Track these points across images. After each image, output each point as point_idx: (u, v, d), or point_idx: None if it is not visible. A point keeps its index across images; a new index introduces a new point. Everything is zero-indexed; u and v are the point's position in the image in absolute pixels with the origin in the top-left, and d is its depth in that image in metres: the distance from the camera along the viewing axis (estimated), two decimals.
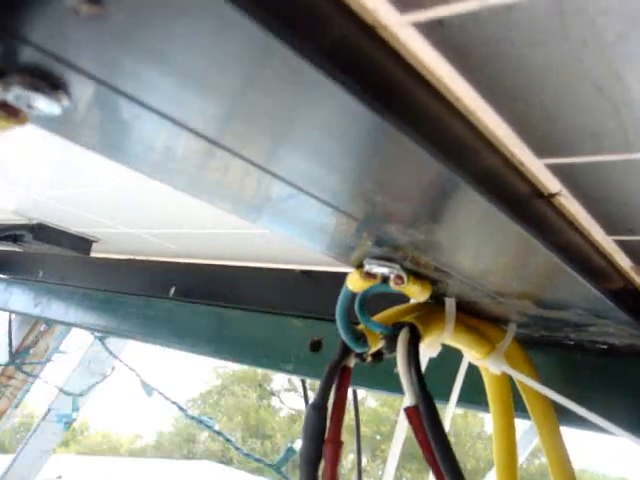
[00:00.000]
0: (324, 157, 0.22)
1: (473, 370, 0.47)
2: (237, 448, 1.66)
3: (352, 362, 0.38)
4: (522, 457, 1.24)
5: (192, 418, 1.65)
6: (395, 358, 0.37)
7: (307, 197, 0.26)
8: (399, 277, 0.33)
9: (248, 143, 0.22)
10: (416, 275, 0.34)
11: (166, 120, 0.21)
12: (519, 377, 0.44)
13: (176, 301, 0.83)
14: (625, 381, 0.52)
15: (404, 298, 0.42)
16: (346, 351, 0.37)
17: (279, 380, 10.01)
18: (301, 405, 9.39)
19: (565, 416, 0.48)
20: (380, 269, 0.33)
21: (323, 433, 0.37)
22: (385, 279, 0.34)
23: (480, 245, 0.32)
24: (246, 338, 0.73)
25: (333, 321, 0.37)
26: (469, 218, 0.28)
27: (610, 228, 0.42)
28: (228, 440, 1.58)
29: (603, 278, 0.48)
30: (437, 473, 0.34)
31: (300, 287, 0.73)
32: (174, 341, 0.81)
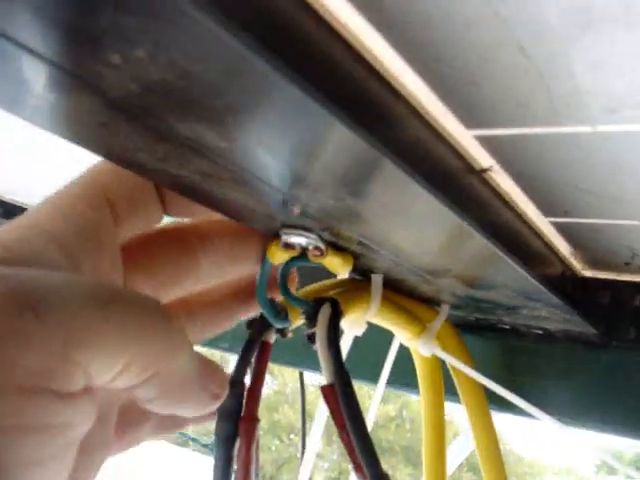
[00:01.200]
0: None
1: (405, 352, 0.46)
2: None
3: (272, 338, 0.36)
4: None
5: None
6: None
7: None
8: (317, 248, 0.31)
9: None
10: (336, 248, 0.32)
11: None
12: (449, 360, 0.43)
13: None
14: (559, 367, 0.52)
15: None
16: (265, 326, 0.36)
17: None
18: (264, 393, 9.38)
19: (497, 401, 0.47)
20: (297, 239, 0.31)
21: (239, 410, 0.35)
22: (304, 251, 0.32)
23: (404, 221, 0.30)
24: None
25: None
26: (391, 193, 0.27)
27: (546, 209, 0.41)
28: None
29: (542, 263, 0.47)
30: (352, 454, 0.33)
31: None
32: None
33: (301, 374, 1.02)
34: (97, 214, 0.27)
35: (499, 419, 0.50)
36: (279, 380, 9.20)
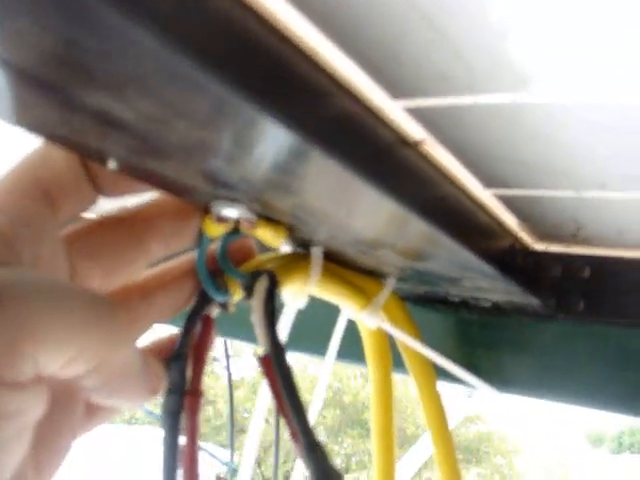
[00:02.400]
0: None
1: (354, 325, 0.47)
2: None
3: (214, 311, 0.37)
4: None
5: None
6: None
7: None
8: (248, 220, 0.32)
9: None
10: (268, 219, 0.33)
11: None
12: (393, 332, 0.43)
13: None
14: (509, 339, 0.53)
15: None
16: (207, 300, 0.36)
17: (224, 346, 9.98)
18: (244, 372, 9.43)
19: (445, 372, 0.48)
20: (228, 212, 0.31)
21: (184, 384, 0.36)
22: (237, 223, 0.33)
23: (331, 198, 0.31)
24: None
25: None
26: (311, 171, 0.27)
27: (486, 181, 0.41)
28: None
29: (490, 237, 0.47)
30: (290, 424, 0.34)
31: None
32: None
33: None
34: (33, 204, 0.28)
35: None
36: None
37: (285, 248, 0.40)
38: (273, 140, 0.23)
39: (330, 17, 0.24)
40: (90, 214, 0.33)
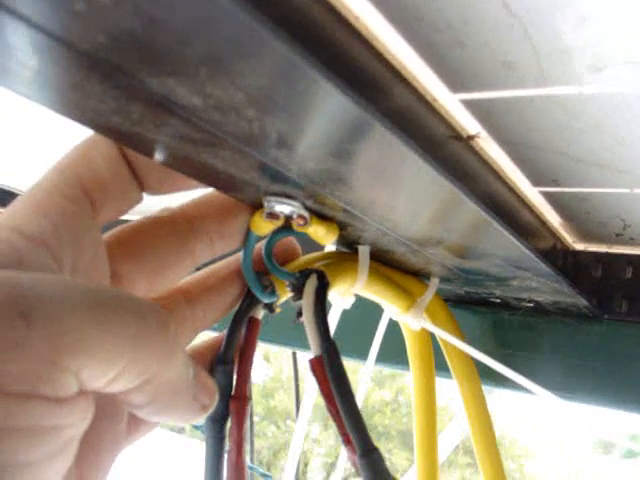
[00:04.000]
0: None
1: (394, 328, 0.46)
2: None
3: (260, 313, 0.36)
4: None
5: None
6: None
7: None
8: (301, 217, 0.31)
9: None
10: (321, 216, 0.32)
11: None
12: (440, 333, 0.42)
13: None
14: (551, 340, 0.51)
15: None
16: (253, 301, 0.35)
17: None
18: (260, 379, 9.38)
19: (489, 375, 0.47)
20: (281, 207, 0.30)
21: (230, 389, 0.35)
22: (288, 220, 0.32)
23: (391, 187, 0.29)
24: None
25: None
26: (378, 156, 0.26)
27: (535, 178, 0.40)
28: None
29: (532, 235, 0.46)
30: (341, 428, 0.33)
31: None
32: None
33: (294, 354, 1.01)
34: (74, 206, 0.26)
35: (492, 401, 0.50)
36: (274, 366, 9.21)
37: (329, 247, 0.39)
38: (349, 129, 0.22)
39: (395, 4, 0.23)
40: (134, 215, 0.32)
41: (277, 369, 9.25)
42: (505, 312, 0.51)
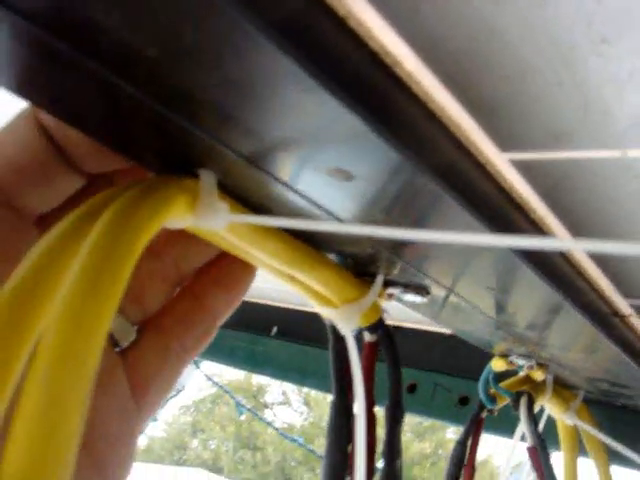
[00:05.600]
0: None
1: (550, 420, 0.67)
2: None
3: (484, 414, 0.58)
4: None
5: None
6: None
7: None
8: (531, 367, 0.53)
9: None
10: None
11: None
12: (588, 429, 0.63)
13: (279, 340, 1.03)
14: None
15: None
16: (482, 407, 0.57)
17: (273, 393, 10.06)
18: (293, 419, 9.43)
19: (613, 458, 0.67)
20: (520, 361, 0.52)
21: (463, 460, 0.57)
22: (520, 366, 0.54)
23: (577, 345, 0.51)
24: None
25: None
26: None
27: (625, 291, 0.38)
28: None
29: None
30: None
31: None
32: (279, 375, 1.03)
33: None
34: None
35: None
36: (315, 412, 9.31)
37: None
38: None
39: (439, 52, 0.19)
40: None
41: (317, 415, 9.32)
42: (622, 412, 0.71)
